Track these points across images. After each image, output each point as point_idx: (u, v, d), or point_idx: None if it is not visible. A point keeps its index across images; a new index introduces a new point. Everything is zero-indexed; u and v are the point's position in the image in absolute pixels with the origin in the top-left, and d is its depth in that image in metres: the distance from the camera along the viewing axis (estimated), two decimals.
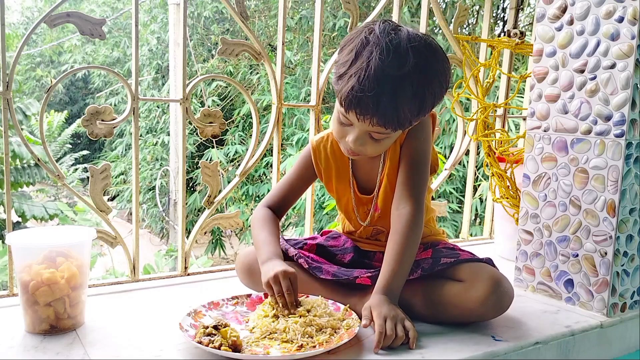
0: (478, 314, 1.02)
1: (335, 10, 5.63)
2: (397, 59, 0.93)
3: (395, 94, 0.93)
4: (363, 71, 0.93)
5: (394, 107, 0.93)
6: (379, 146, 1.03)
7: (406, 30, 0.97)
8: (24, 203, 4.32)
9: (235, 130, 6.06)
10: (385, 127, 0.96)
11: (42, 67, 10.00)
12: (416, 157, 1.09)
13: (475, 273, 1.01)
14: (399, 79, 0.93)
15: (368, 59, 0.93)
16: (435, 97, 0.99)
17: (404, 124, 0.98)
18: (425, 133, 1.10)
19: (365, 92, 0.92)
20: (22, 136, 1.18)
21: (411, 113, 0.96)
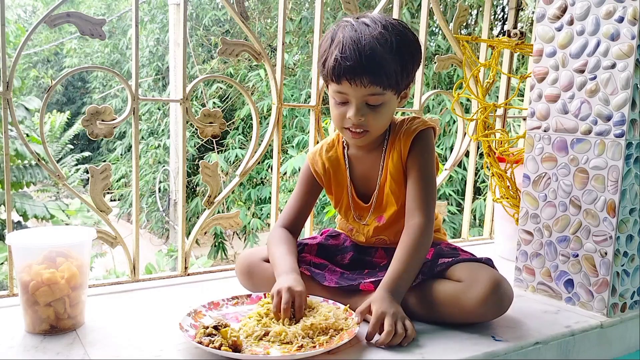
0: (477, 315, 1.01)
1: (335, 11, 5.63)
2: (368, 27, 1.04)
3: (375, 50, 1.02)
4: (341, 44, 1.03)
5: (377, 62, 1.02)
6: (379, 116, 1.08)
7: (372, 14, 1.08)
8: (26, 203, 4.32)
9: (236, 134, 6.07)
10: (377, 83, 1.03)
11: (39, 67, 10.00)
12: (424, 173, 1.12)
13: (474, 274, 1.01)
14: (374, 39, 1.02)
15: (343, 35, 1.04)
16: (412, 57, 1.07)
17: (392, 80, 1.04)
18: (429, 148, 1.14)
19: (349, 57, 1.02)
20: (22, 136, 1.18)
21: (395, 69, 1.04)
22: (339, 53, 1.03)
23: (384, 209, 1.17)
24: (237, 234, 6.33)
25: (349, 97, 1.06)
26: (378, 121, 1.09)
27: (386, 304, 0.97)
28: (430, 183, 1.12)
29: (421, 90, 1.66)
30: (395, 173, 1.14)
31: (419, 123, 1.15)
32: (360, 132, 1.09)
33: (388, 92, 1.06)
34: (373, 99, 1.06)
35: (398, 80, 1.06)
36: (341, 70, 1.03)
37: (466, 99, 2.77)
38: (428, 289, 1.04)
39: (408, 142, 1.13)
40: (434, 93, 1.76)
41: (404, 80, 1.08)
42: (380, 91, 1.04)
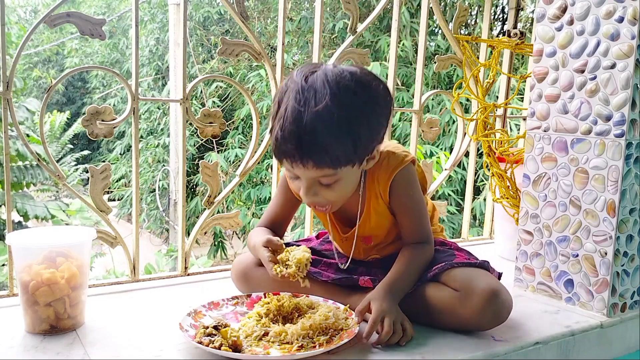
0: (474, 325, 1.00)
1: (335, 11, 5.63)
2: (313, 96, 0.90)
3: (317, 132, 0.89)
4: (282, 119, 0.91)
5: (319, 146, 0.90)
6: (336, 192, 0.99)
7: (326, 68, 0.94)
8: (27, 203, 4.32)
9: (235, 134, 6.07)
10: (322, 167, 0.92)
11: (40, 67, 10.01)
12: (413, 207, 1.08)
13: (470, 282, 0.98)
14: (318, 117, 0.89)
15: (286, 105, 0.92)
16: (369, 126, 0.94)
17: (341, 160, 0.93)
18: (411, 184, 1.08)
19: (288, 139, 0.90)
20: (22, 137, 1.18)
21: (345, 148, 0.92)
22: (279, 131, 0.92)
23: (369, 236, 1.14)
24: (237, 233, 6.34)
25: (297, 173, 0.97)
26: (337, 195, 1.00)
27: (386, 303, 0.96)
28: (421, 214, 1.09)
29: (421, 90, 1.66)
30: (379, 210, 1.09)
31: (395, 162, 1.05)
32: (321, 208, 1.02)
33: (340, 169, 0.94)
34: (325, 179, 0.96)
35: (350, 157, 0.94)
36: (281, 152, 0.93)
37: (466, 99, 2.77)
38: (424, 296, 1.02)
39: (387, 187, 1.06)
40: (434, 93, 1.76)
41: (359, 152, 0.95)
42: (330, 172, 0.94)
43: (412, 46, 5.30)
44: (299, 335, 0.93)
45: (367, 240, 1.15)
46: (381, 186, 1.06)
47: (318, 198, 0.99)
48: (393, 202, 1.08)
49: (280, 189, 1.19)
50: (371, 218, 1.10)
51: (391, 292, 0.99)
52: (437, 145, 4.96)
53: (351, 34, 1.50)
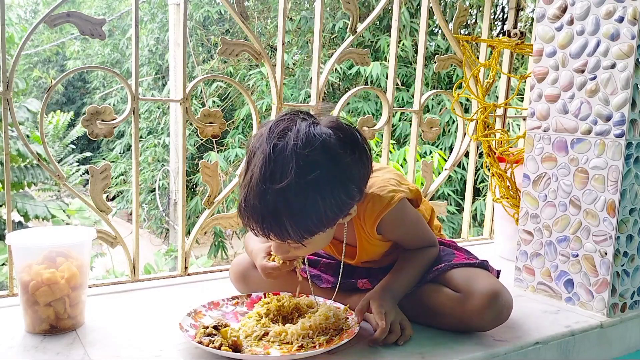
0: (475, 326, 1.00)
1: (334, 10, 5.63)
2: (279, 170, 0.85)
3: (278, 212, 0.85)
4: (247, 188, 0.87)
5: (282, 226, 0.86)
6: (307, 250, 0.96)
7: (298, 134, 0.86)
8: (27, 203, 4.32)
9: (235, 133, 6.07)
10: (284, 240, 0.90)
11: (40, 67, 10.01)
12: (410, 233, 1.07)
13: (471, 283, 0.98)
14: (279, 195, 0.84)
15: (252, 173, 0.88)
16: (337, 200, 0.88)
17: (305, 235, 0.88)
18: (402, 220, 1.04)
19: (251, 215, 0.88)
20: (22, 137, 1.18)
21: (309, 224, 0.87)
22: (244, 202, 0.88)
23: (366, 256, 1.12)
24: (237, 233, 6.34)
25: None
26: (309, 251, 0.98)
27: (385, 302, 0.97)
28: (420, 231, 1.08)
29: (421, 90, 1.66)
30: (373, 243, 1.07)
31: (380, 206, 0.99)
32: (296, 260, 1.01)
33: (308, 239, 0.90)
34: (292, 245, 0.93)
35: (315, 231, 0.88)
36: (244, 220, 0.90)
37: (465, 98, 2.77)
38: (424, 298, 1.02)
39: (373, 229, 1.02)
40: (434, 93, 1.76)
41: (326, 224, 0.89)
42: (297, 244, 0.91)
43: (412, 46, 5.30)
44: (299, 335, 0.93)
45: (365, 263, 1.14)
46: (367, 227, 1.03)
47: (289, 255, 0.98)
48: (387, 236, 1.06)
49: None
50: (367, 249, 1.08)
51: (390, 291, 1.00)
52: (437, 145, 4.96)
53: (351, 34, 1.50)
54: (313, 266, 1.16)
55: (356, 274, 1.15)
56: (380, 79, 5.02)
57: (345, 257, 1.09)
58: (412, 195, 1.08)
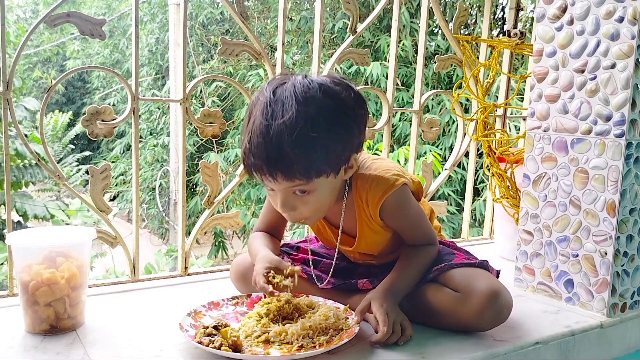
0: (474, 326, 1.00)
1: (334, 10, 5.63)
2: (280, 109, 0.89)
3: (282, 144, 0.88)
4: (250, 133, 0.91)
5: (287, 158, 0.88)
6: (312, 204, 0.97)
7: (295, 80, 0.93)
8: (26, 203, 4.32)
9: (235, 133, 6.07)
10: (291, 179, 0.91)
11: (40, 67, 10.01)
12: (411, 223, 1.07)
13: (471, 283, 0.98)
14: (282, 128, 0.88)
15: (254, 119, 0.92)
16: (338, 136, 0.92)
17: (312, 171, 0.91)
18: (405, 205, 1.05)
19: (255, 153, 0.90)
20: (22, 136, 1.18)
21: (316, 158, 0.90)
22: (247, 144, 0.91)
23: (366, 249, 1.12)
24: (237, 233, 6.34)
25: (271, 186, 0.95)
26: (312, 208, 0.97)
27: (386, 302, 0.97)
28: (421, 224, 1.08)
29: (421, 90, 1.66)
30: (374, 229, 1.07)
31: (384, 188, 1.01)
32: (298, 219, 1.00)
33: (314, 180, 0.92)
34: (298, 188, 0.94)
35: (321, 168, 0.92)
36: (250, 166, 0.92)
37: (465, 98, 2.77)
38: (424, 297, 1.02)
39: (376, 211, 1.03)
40: (434, 93, 1.76)
41: (331, 163, 0.93)
42: (303, 182, 0.92)
43: (412, 46, 5.30)
44: (299, 335, 0.93)
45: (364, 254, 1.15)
46: (370, 209, 1.03)
47: (295, 213, 0.97)
48: (388, 222, 1.06)
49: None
50: (366, 236, 1.09)
51: (391, 291, 0.99)
52: (437, 145, 4.96)
53: (351, 34, 1.50)
54: (314, 267, 1.16)
55: (356, 274, 1.15)
56: (380, 79, 5.02)
57: (342, 244, 1.10)
58: (414, 186, 1.10)
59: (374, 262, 1.16)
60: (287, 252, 1.20)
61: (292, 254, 1.19)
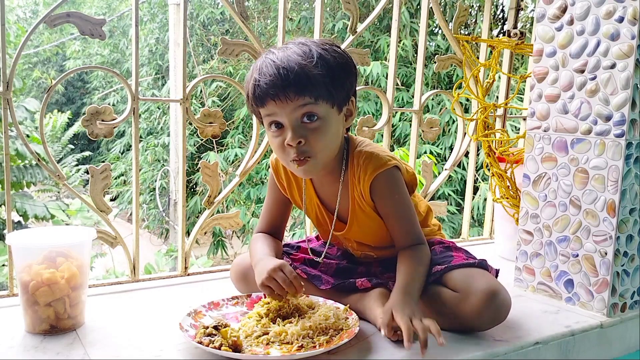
0: (473, 326, 1.00)
1: (334, 11, 5.63)
2: (287, 48, 0.99)
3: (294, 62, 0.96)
4: (259, 67, 0.99)
5: (299, 72, 0.95)
6: (320, 136, 0.99)
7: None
8: (26, 203, 4.32)
9: (235, 133, 6.07)
10: (303, 93, 0.96)
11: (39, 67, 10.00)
12: (398, 212, 1.08)
13: (469, 283, 0.98)
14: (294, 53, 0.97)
15: (261, 60, 1.00)
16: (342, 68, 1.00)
17: (320, 88, 0.97)
18: (394, 187, 1.07)
19: (266, 74, 0.96)
20: (22, 136, 1.18)
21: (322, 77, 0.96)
22: (257, 75, 0.97)
23: (361, 236, 1.14)
24: (237, 233, 6.34)
25: (280, 117, 0.98)
26: (320, 141, 0.99)
27: (407, 307, 0.94)
28: (409, 216, 1.08)
29: (421, 90, 1.66)
30: (365, 211, 1.09)
31: (376, 165, 1.05)
32: (303, 158, 1.00)
33: (321, 103, 0.97)
34: (307, 110, 0.97)
35: (329, 90, 0.97)
36: (262, 90, 0.96)
37: (465, 98, 2.78)
38: (423, 299, 1.02)
39: (367, 186, 1.06)
40: (434, 93, 1.76)
41: (337, 90, 0.99)
42: (312, 101, 0.96)
43: (412, 46, 5.30)
44: (299, 335, 0.93)
45: (361, 242, 1.15)
46: (362, 185, 1.06)
47: (304, 145, 0.99)
48: (377, 204, 1.07)
49: (270, 191, 1.20)
50: (359, 219, 1.10)
51: (408, 294, 0.97)
52: (437, 145, 4.96)
53: (351, 34, 1.50)
54: (313, 267, 1.16)
55: (356, 274, 1.15)
56: (380, 78, 5.02)
57: (336, 230, 1.13)
58: (407, 176, 1.11)
59: (373, 255, 1.16)
60: (287, 252, 1.20)
61: (292, 254, 1.19)
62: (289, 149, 0.99)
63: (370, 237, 1.13)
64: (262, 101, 0.98)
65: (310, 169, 1.02)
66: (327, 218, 1.15)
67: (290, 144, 0.98)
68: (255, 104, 1.00)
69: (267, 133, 1.04)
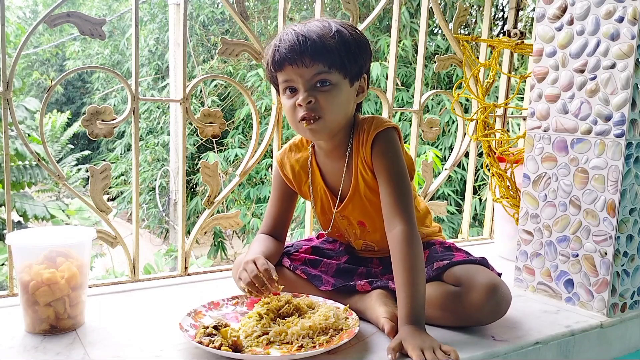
0: (474, 320, 1.01)
1: (334, 10, 5.62)
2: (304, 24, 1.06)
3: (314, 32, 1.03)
4: (279, 37, 1.05)
5: (317, 40, 1.01)
6: (330, 99, 1.04)
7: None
8: (26, 203, 4.32)
9: (235, 133, 6.06)
10: (319, 60, 1.01)
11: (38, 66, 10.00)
12: (392, 174, 1.05)
13: (470, 278, 1.00)
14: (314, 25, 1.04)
15: (283, 32, 1.06)
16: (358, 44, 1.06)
17: (335, 58, 1.02)
18: (392, 148, 1.08)
19: (287, 41, 1.03)
20: (22, 136, 1.18)
21: (338, 49, 1.03)
22: (278, 42, 1.04)
23: (363, 214, 1.14)
24: (237, 233, 6.34)
25: (295, 83, 1.04)
26: (330, 104, 1.03)
27: (418, 339, 0.89)
28: (401, 184, 1.05)
29: (421, 90, 1.66)
30: (367, 179, 1.10)
31: (377, 124, 1.08)
32: (314, 116, 1.03)
33: (335, 72, 1.03)
34: (321, 77, 1.03)
35: (344, 61, 1.03)
36: (281, 54, 1.03)
37: (465, 98, 2.78)
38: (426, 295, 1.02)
39: (368, 146, 1.08)
40: (434, 93, 1.76)
41: (351, 63, 1.05)
42: (326, 69, 1.02)
43: (412, 46, 5.30)
44: (299, 335, 0.93)
45: (361, 223, 1.16)
46: (365, 148, 1.09)
47: (314, 102, 1.03)
48: (375, 165, 1.08)
49: (274, 186, 1.21)
50: (360, 187, 1.11)
51: (416, 322, 0.93)
52: (437, 145, 4.96)
53: None
54: (313, 267, 1.16)
55: (356, 274, 1.15)
56: (380, 79, 5.02)
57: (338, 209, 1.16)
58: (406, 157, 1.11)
59: (374, 246, 1.17)
60: (288, 252, 1.20)
61: (292, 255, 1.19)
62: (299, 108, 1.04)
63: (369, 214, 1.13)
64: (280, 65, 1.04)
65: (318, 129, 1.05)
66: (330, 201, 1.17)
67: (301, 104, 1.03)
68: (274, 68, 1.05)
69: (282, 98, 1.09)
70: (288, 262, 1.15)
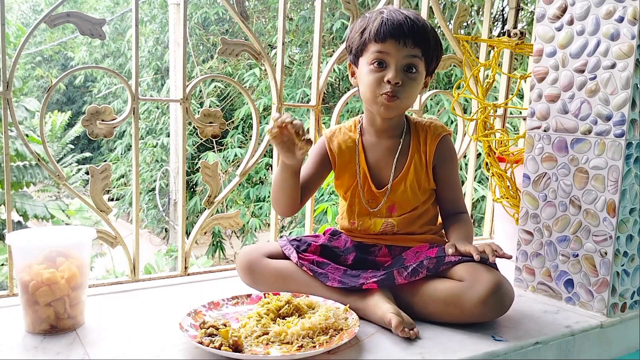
0: (478, 315, 1.02)
1: (333, 10, 5.62)
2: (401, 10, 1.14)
3: (418, 18, 1.12)
4: (384, 13, 1.12)
5: (421, 26, 1.11)
6: (412, 85, 1.13)
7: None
8: (26, 203, 4.32)
9: (235, 133, 6.06)
10: (419, 45, 1.11)
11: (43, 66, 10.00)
12: (456, 175, 1.23)
13: (475, 274, 1.02)
14: (412, 15, 1.12)
15: (383, 10, 1.14)
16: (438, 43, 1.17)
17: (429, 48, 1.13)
18: (453, 153, 1.24)
19: (396, 19, 1.10)
20: (22, 136, 1.18)
21: (433, 39, 1.13)
22: (386, 17, 1.10)
23: (399, 200, 1.19)
24: (236, 233, 6.34)
25: (389, 58, 1.11)
26: (411, 90, 1.13)
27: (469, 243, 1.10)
28: (459, 184, 1.25)
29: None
30: (418, 168, 1.19)
31: (441, 128, 1.21)
32: (393, 96, 1.11)
33: (422, 62, 1.13)
34: (413, 61, 1.11)
35: (432, 54, 1.14)
36: (387, 28, 1.09)
37: (464, 99, 2.78)
38: (428, 287, 1.05)
39: (433, 147, 1.19)
40: (434, 93, 1.76)
41: (434, 58, 1.16)
42: (419, 56, 1.12)
43: None
44: (299, 335, 0.93)
45: (391, 209, 1.20)
46: (428, 146, 1.19)
47: (400, 84, 1.11)
48: (438, 168, 1.20)
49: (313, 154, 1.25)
50: (409, 174, 1.19)
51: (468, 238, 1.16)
52: None
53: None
54: (320, 268, 1.15)
55: (362, 278, 1.14)
56: None
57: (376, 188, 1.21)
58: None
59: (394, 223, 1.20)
60: (298, 247, 1.19)
61: (300, 254, 1.18)
62: (386, 84, 1.11)
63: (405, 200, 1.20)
64: (384, 38, 1.10)
65: (394, 107, 1.14)
66: (372, 185, 1.20)
67: (391, 81, 1.10)
68: (375, 38, 1.11)
69: (365, 68, 1.14)
70: (295, 258, 1.15)
